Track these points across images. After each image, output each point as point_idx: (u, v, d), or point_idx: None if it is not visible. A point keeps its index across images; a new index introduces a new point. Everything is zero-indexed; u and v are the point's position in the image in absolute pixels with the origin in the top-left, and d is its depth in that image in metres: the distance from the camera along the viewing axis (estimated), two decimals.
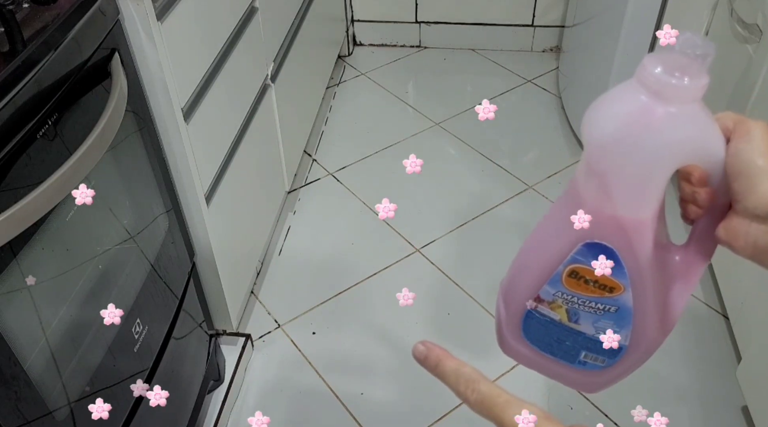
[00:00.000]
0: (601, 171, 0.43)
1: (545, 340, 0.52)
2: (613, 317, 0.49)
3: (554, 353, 0.53)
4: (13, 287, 0.76)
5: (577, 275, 0.47)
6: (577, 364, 0.53)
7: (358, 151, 2.09)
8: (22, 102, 0.72)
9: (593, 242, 0.46)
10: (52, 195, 0.75)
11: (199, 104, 1.15)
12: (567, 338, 0.51)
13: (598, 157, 0.43)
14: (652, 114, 0.40)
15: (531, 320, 0.52)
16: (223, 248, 1.31)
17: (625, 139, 0.41)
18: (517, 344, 0.54)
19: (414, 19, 2.51)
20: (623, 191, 0.43)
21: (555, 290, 0.49)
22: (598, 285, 0.47)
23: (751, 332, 1.36)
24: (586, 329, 0.50)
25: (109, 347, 0.95)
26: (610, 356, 0.51)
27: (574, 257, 0.47)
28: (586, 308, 0.49)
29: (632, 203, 0.44)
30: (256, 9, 1.40)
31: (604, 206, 0.44)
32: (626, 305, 0.48)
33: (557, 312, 0.50)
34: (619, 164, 0.42)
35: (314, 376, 1.49)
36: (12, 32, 0.77)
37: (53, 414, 0.83)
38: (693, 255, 0.49)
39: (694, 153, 0.43)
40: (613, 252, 0.46)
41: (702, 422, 1.38)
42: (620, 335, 0.50)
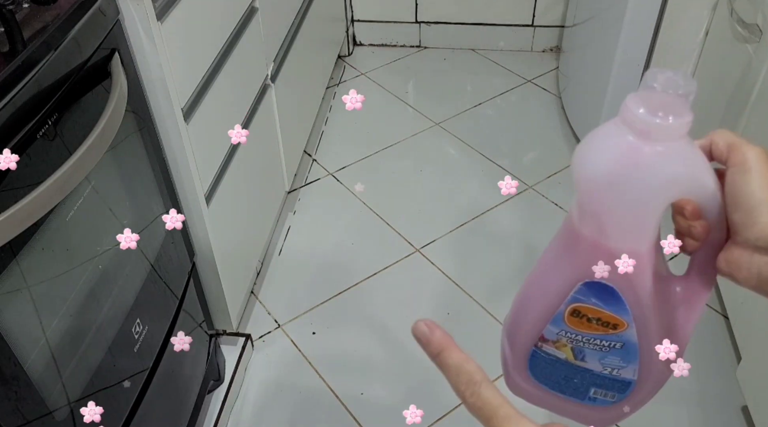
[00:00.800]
0: (594, 210, 0.43)
1: (553, 378, 0.52)
2: (619, 353, 0.49)
3: (563, 390, 0.52)
4: (13, 287, 0.76)
5: (579, 313, 0.47)
6: (587, 400, 0.52)
7: (358, 151, 2.09)
8: (22, 102, 0.72)
9: (593, 281, 0.46)
10: (52, 195, 0.75)
11: (199, 104, 1.15)
12: (575, 375, 0.51)
13: (590, 198, 0.43)
14: (639, 153, 0.40)
15: (537, 360, 0.51)
16: (223, 248, 1.31)
17: (615, 179, 0.41)
18: (524, 382, 0.54)
19: (414, 19, 2.51)
20: (617, 228, 0.44)
21: (558, 330, 0.48)
22: (601, 323, 0.47)
23: (750, 332, 1.36)
24: (594, 366, 0.50)
25: (109, 347, 0.95)
26: (620, 390, 0.51)
27: (575, 297, 0.47)
28: (591, 346, 0.48)
29: (627, 239, 0.44)
30: (256, 9, 1.40)
31: (600, 242, 0.44)
32: (631, 341, 0.48)
33: (563, 351, 0.50)
34: (612, 203, 0.42)
35: (314, 376, 1.49)
36: (12, 32, 0.77)
37: (53, 414, 0.83)
38: (694, 285, 0.49)
39: (685, 188, 0.43)
40: (613, 290, 0.46)
41: (702, 421, 1.38)
42: (628, 370, 0.50)
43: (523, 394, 0.54)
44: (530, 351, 0.51)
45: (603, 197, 0.42)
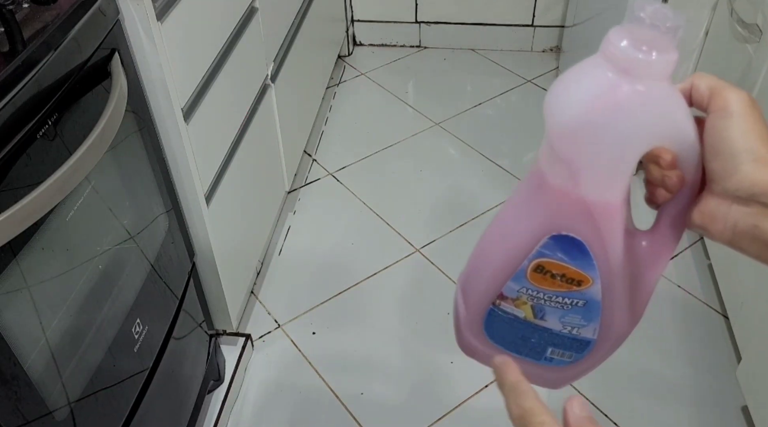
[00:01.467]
0: (566, 156, 0.40)
1: (509, 338, 0.49)
2: (580, 312, 0.46)
3: (519, 350, 0.50)
4: (13, 287, 0.76)
5: (543, 269, 0.44)
6: (543, 361, 0.50)
7: (358, 151, 2.09)
8: (22, 102, 0.72)
9: (560, 235, 0.43)
10: (52, 195, 0.75)
11: (199, 104, 1.15)
12: (532, 335, 0.48)
13: (563, 142, 0.40)
14: (619, 92, 0.38)
15: (493, 318, 0.49)
16: (223, 248, 1.31)
17: (591, 121, 0.39)
18: (478, 342, 0.51)
19: (414, 19, 2.51)
20: (591, 176, 0.41)
21: (519, 287, 0.46)
22: (566, 279, 0.44)
23: (751, 332, 1.36)
24: (553, 325, 0.47)
25: (109, 347, 0.95)
26: (578, 350, 0.49)
27: (540, 251, 0.44)
28: (553, 304, 0.46)
29: (600, 188, 0.41)
30: (256, 9, 1.40)
31: (571, 192, 0.42)
32: (594, 299, 0.45)
33: (522, 309, 0.47)
34: (586, 148, 0.40)
35: (314, 376, 1.49)
36: (12, 32, 0.77)
37: (53, 414, 0.83)
38: (661, 240, 0.46)
39: (665, 133, 0.40)
40: (582, 244, 0.43)
41: (702, 422, 1.38)
42: (588, 328, 0.47)
43: (475, 354, 0.52)
44: (487, 310, 0.48)
45: (577, 141, 0.40)
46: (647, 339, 1.53)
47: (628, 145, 0.40)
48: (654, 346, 1.52)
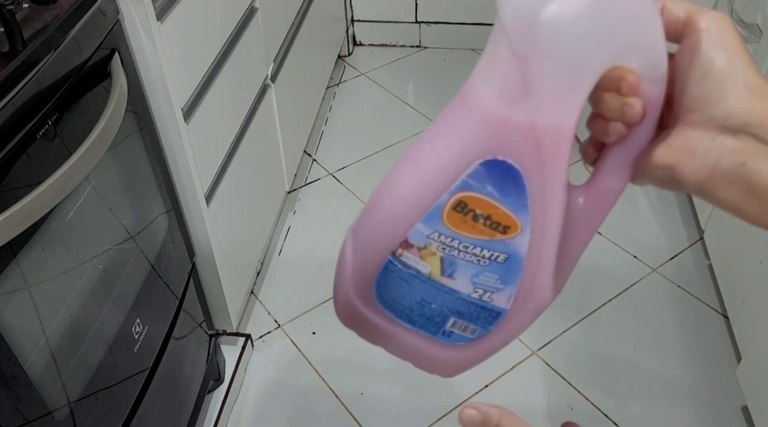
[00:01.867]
0: (523, 53, 0.34)
1: (404, 302, 0.40)
2: (499, 269, 0.38)
3: (413, 319, 0.41)
4: (13, 287, 0.76)
5: (465, 207, 0.36)
6: (440, 335, 0.41)
7: (358, 151, 2.09)
8: (22, 102, 0.72)
9: (495, 160, 0.35)
10: (52, 195, 0.75)
11: (199, 104, 1.15)
12: (434, 298, 0.40)
13: (522, 35, 0.34)
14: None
15: (389, 275, 0.40)
16: (223, 248, 1.31)
17: (558, 6, 0.33)
18: (363, 306, 0.42)
19: (414, 19, 2.51)
20: (548, 83, 0.34)
21: (431, 231, 0.37)
22: (490, 222, 0.37)
23: (751, 332, 1.36)
24: (462, 286, 0.39)
25: (109, 347, 0.95)
26: (485, 323, 0.40)
27: (466, 181, 0.36)
28: (468, 257, 0.38)
29: (554, 105, 0.35)
30: (256, 9, 1.40)
31: (515, 108, 0.35)
32: (518, 253, 0.38)
33: (428, 262, 0.38)
34: (551, 43, 0.34)
35: (314, 376, 1.49)
36: (12, 32, 0.77)
37: (53, 414, 0.83)
38: (601, 194, 0.40)
39: (634, 42, 0.35)
40: (519, 175, 0.35)
41: (702, 422, 1.38)
42: (503, 294, 0.39)
43: (356, 323, 0.43)
44: (384, 261, 0.39)
45: (540, 33, 0.34)
46: (647, 339, 1.53)
47: (594, 49, 0.34)
48: (654, 346, 1.52)
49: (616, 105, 0.36)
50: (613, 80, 0.36)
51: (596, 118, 0.38)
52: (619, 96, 0.36)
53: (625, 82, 0.35)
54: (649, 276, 1.67)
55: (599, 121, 0.38)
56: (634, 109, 0.36)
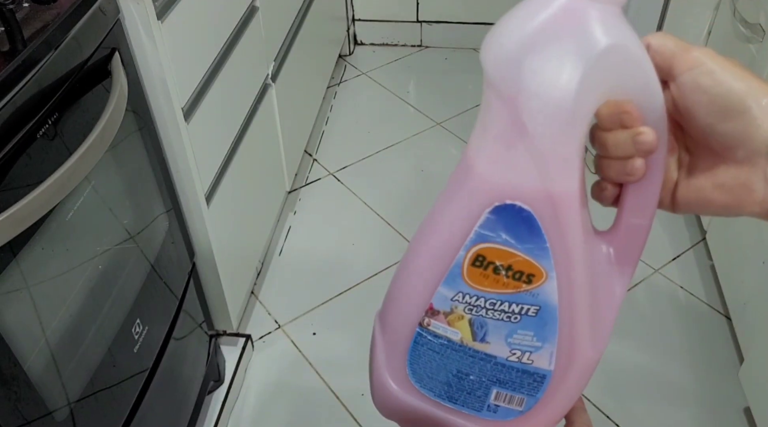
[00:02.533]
0: (505, 91, 0.33)
1: (440, 377, 0.38)
2: (532, 324, 0.36)
3: (453, 397, 0.39)
4: (13, 287, 0.76)
5: (484, 260, 0.35)
6: (485, 412, 0.39)
7: (358, 150, 2.09)
8: (22, 101, 0.72)
9: (504, 205, 0.34)
10: (52, 195, 0.75)
11: (200, 104, 1.15)
12: (471, 368, 0.37)
13: (503, 78, 0.33)
14: (571, 13, 0.32)
15: (421, 349, 0.38)
16: (223, 248, 1.31)
17: (539, 45, 0.32)
18: (400, 390, 0.39)
19: (415, 19, 2.51)
20: (536, 120, 0.32)
21: (454, 292, 0.36)
22: (513, 273, 0.35)
23: (753, 333, 1.35)
24: (497, 350, 0.37)
25: (109, 348, 0.95)
26: (532, 390, 0.38)
27: (479, 233, 0.35)
28: (497, 314, 0.36)
29: (552, 141, 0.33)
30: (256, 8, 1.40)
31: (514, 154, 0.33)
32: (549, 303, 0.35)
33: (457, 327, 0.37)
34: (529, 78, 0.32)
35: (314, 376, 1.49)
36: (12, 32, 0.77)
37: (53, 414, 0.82)
38: (628, 234, 0.38)
39: (627, 77, 0.33)
40: (531, 216, 0.34)
41: (704, 423, 1.38)
42: (543, 353, 0.36)
43: (396, 412, 0.41)
44: (413, 335, 0.38)
45: (523, 74, 0.32)
46: (649, 340, 1.53)
47: (586, 75, 0.32)
48: (656, 347, 1.52)
49: (625, 138, 0.35)
50: (612, 116, 0.34)
51: (607, 161, 0.36)
52: (626, 129, 0.34)
53: (626, 114, 0.34)
54: (652, 277, 1.67)
55: (613, 164, 0.36)
56: (647, 135, 0.34)
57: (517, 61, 0.32)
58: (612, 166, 0.36)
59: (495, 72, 0.33)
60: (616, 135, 0.35)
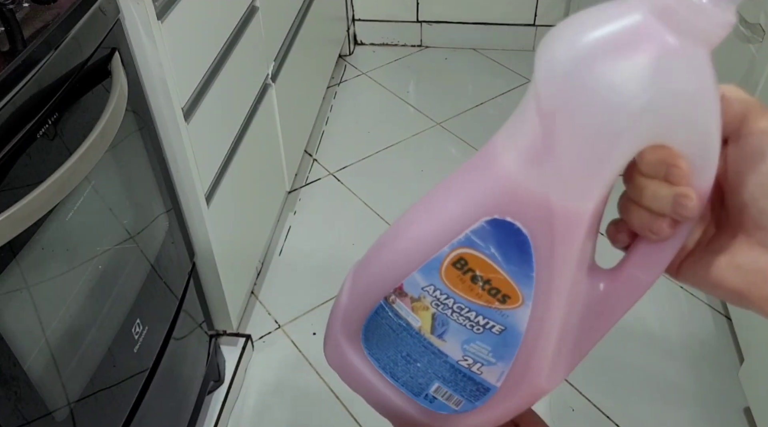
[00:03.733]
0: (550, 109, 0.30)
1: (389, 353, 0.38)
2: (493, 341, 0.35)
3: (396, 375, 0.38)
4: (13, 287, 0.76)
5: (465, 265, 0.33)
6: (422, 399, 0.38)
7: (358, 150, 2.09)
8: (22, 101, 0.72)
9: (502, 220, 0.32)
10: (52, 195, 0.75)
11: (200, 104, 1.15)
12: (420, 356, 0.37)
13: (553, 88, 0.30)
14: (651, 38, 0.28)
15: (379, 321, 0.37)
16: (223, 248, 1.31)
17: (599, 65, 0.29)
18: (350, 349, 0.39)
19: (415, 19, 2.51)
20: (571, 147, 0.30)
21: (427, 283, 0.35)
22: (490, 288, 0.33)
23: (753, 333, 1.35)
24: (451, 350, 0.36)
25: (109, 348, 0.95)
26: (472, 397, 0.37)
27: (469, 237, 0.33)
28: (461, 319, 0.35)
29: (577, 170, 0.31)
30: (256, 8, 1.40)
31: (533, 174, 0.31)
32: (515, 328, 0.34)
33: (419, 315, 0.36)
34: (583, 102, 0.29)
35: (314, 376, 1.49)
36: (12, 32, 0.77)
37: (53, 414, 0.82)
38: (625, 284, 0.36)
39: (688, 127, 0.30)
40: (525, 242, 0.32)
41: (704, 423, 1.38)
42: (494, 370, 0.35)
43: (341, 366, 0.41)
44: (375, 305, 0.37)
45: (574, 90, 0.29)
46: (649, 340, 1.53)
47: (638, 113, 0.29)
48: (656, 347, 1.52)
49: (666, 194, 0.30)
50: (657, 164, 0.30)
51: (636, 208, 0.32)
52: (669, 185, 0.30)
53: (676, 169, 0.30)
54: None
55: (641, 213, 0.32)
56: (690, 200, 0.30)
57: (570, 74, 0.29)
58: (639, 215, 0.32)
59: (543, 78, 0.30)
60: (656, 186, 0.31)
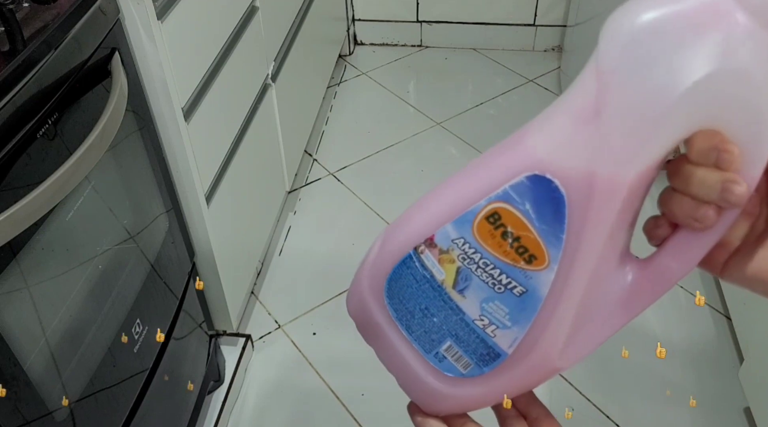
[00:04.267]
0: (609, 69, 0.31)
1: (409, 304, 0.39)
2: (512, 303, 0.35)
3: (411, 328, 0.39)
4: (13, 287, 0.76)
5: (498, 220, 0.34)
6: (432, 356, 0.39)
7: (358, 150, 2.08)
8: (22, 101, 0.72)
9: (543, 177, 0.33)
10: (52, 195, 0.75)
11: (200, 104, 1.15)
12: (438, 311, 0.38)
13: (616, 51, 0.31)
14: (724, 15, 0.28)
15: (404, 270, 0.38)
16: (223, 248, 1.31)
17: (668, 32, 0.29)
18: (370, 298, 0.41)
19: (415, 19, 2.51)
20: (622, 112, 0.30)
21: (458, 235, 0.35)
22: (518, 246, 0.34)
23: (753, 333, 1.35)
24: (469, 307, 0.37)
25: (109, 347, 0.95)
26: (481, 361, 0.38)
27: (507, 192, 0.34)
28: (485, 276, 0.35)
29: (624, 136, 0.31)
30: (256, 8, 1.40)
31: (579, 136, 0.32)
32: (537, 292, 0.34)
33: (445, 268, 0.36)
34: (642, 67, 0.30)
35: (315, 377, 1.49)
36: (12, 32, 0.77)
37: (53, 414, 0.82)
38: (654, 274, 0.35)
39: (743, 110, 0.29)
40: (563, 201, 0.32)
41: (704, 423, 1.38)
42: (508, 334, 0.36)
43: (359, 313, 0.43)
44: (404, 254, 0.38)
45: (635, 52, 0.30)
46: (649, 340, 1.53)
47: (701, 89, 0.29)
48: (655, 346, 1.52)
49: (714, 180, 0.29)
50: (708, 151, 0.29)
51: (680, 197, 0.31)
52: (718, 171, 0.29)
53: (727, 154, 0.29)
54: None
55: (685, 202, 0.31)
56: (739, 186, 0.29)
57: (635, 38, 0.30)
58: (684, 204, 0.31)
59: (608, 39, 0.32)
60: (705, 173, 0.30)
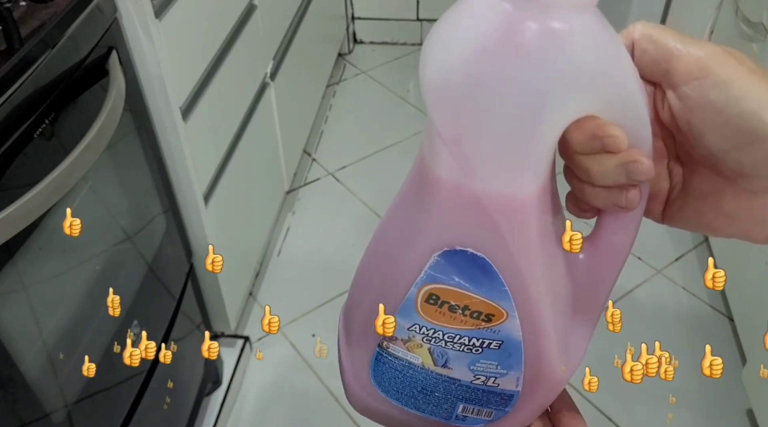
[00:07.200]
0: (452, 130, 0.29)
1: (406, 391, 0.37)
2: (496, 356, 0.34)
3: (420, 408, 0.37)
4: (10, 287, 0.75)
5: (438, 299, 0.32)
6: (454, 420, 0.38)
7: (358, 150, 2.08)
8: (18, 101, 0.71)
9: (453, 250, 0.31)
10: (49, 195, 0.74)
11: (198, 103, 1.14)
12: (436, 387, 0.36)
13: (444, 111, 0.29)
14: (521, 31, 0.26)
15: (383, 365, 0.36)
16: (221, 249, 1.30)
17: (483, 74, 0.27)
18: (368, 396, 0.38)
19: (415, 17, 2.50)
20: (487, 160, 0.29)
21: (410, 323, 0.34)
22: (470, 313, 0.32)
23: (756, 335, 1.35)
24: (461, 375, 0.35)
25: (106, 349, 0.94)
26: (500, 405, 0.37)
27: (430, 274, 0.32)
28: (457, 346, 0.34)
29: (504, 177, 0.29)
30: (255, 6, 1.39)
31: (462, 185, 0.30)
32: (512, 338, 0.33)
33: (417, 353, 0.35)
34: (478, 115, 0.28)
35: (314, 378, 1.48)
36: (9, 30, 0.76)
37: (50, 416, 0.82)
38: (604, 251, 0.34)
39: (598, 94, 0.28)
40: (484, 262, 0.31)
41: (706, 425, 1.38)
42: (509, 378, 0.35)
43: (369, 412, 0.40)
44: (373, 352, 0.36)
45: (464, 105, 0.28)
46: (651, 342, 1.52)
47: (538, 107, 0.27)
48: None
49: (613, 165, 0.29)
50: (588, 141, 0.29)
51: (591, 189, 0.31)
52: (612, 155, 0.29)
53: (611, 139, 0.28)
54: (654, 278, 1.66)
55: (600, 193, 0.30)
56: (641, 163, 0.28)
57: (460, 91, 0.28)
58: (597, 194, 0.31)
59: (438, 112, 0.29)
60: (600, 161, 0.29)
